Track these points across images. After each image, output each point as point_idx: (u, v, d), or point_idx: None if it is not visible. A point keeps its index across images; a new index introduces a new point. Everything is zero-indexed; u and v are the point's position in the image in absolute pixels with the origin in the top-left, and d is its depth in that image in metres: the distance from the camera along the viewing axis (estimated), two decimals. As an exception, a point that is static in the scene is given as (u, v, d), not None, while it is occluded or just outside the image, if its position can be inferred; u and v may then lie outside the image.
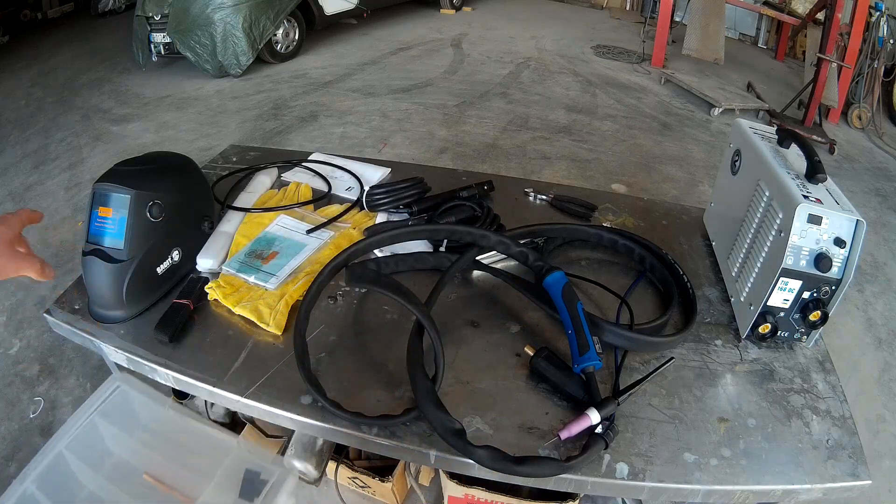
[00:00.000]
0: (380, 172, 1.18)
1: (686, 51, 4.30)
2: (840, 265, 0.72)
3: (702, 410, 0.71)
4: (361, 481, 1.18)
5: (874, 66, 3.89)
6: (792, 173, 0.78)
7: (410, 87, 4.08)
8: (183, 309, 0.79)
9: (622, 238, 0.94)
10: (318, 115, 3.58)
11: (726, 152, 0.98)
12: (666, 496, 0.65)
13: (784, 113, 3.79)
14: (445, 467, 0.73)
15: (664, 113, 3.89)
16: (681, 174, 3.08)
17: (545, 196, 1.11)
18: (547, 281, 0.77)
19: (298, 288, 0.84)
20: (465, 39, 5.36)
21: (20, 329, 1.94)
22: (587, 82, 4.37)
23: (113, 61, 4.55)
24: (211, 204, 0.95)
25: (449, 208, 0.99)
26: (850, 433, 0.69)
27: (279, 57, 4.45)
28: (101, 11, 5.87)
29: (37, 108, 3.72)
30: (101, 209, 0.77)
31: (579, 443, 0.64)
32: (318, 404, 0.68)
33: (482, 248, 0.86)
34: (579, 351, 0.69)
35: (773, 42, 5.52)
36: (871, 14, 3.78)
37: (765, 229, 0.78)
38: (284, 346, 0.77)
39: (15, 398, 1.69)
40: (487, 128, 3.49)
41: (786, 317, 0.77)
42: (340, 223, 1.00)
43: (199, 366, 0.74)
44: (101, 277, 0.77)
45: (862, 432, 0.73)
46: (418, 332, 0.72)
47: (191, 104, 3.74)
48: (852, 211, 0.72)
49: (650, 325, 0.79)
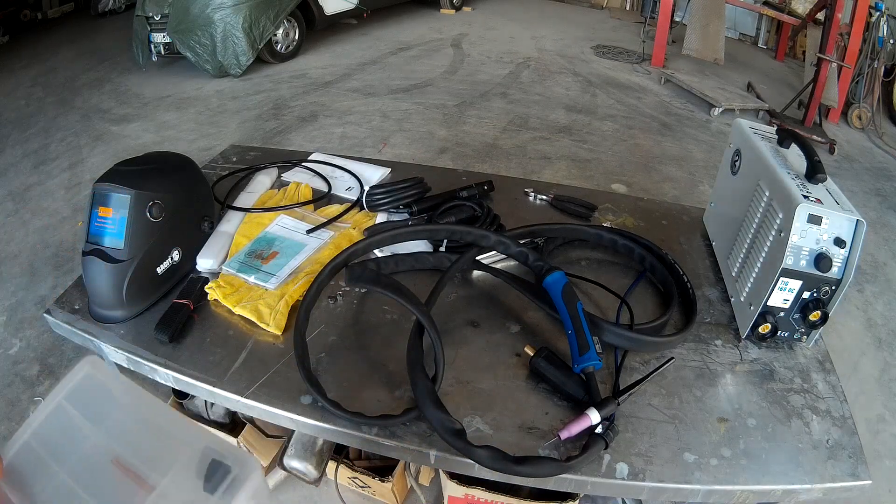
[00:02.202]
0: (380, 172, 1.18)
1: (686, 51, 4.30)
2: (840, 265, 0.72)
3: (702, 410, 0.71)
4: (361, 481, 1.18)
5: (874, 66, 3.88)
6: (792, 173, 0.78)
7: (410, 87, 4.08)
8: (183, 309, 0.79)
9: (622, 238, 0.94)
10: (318, 115, 3.58)
11: (726, 152, 0.98)
12: (666, 496, 0.65)
13: (784, 113, 3.79)
14: (445, 467, 0.73)
15: (664, 113, 3.88)
16: (681, 174, 3.08)
17: (545, 196, 1.11)
18: (547, 281, 0.77)
19: (298, 288, 0.84)
20: (465, 39, 5.36)
21: (20, 329, 1.93)
22: (587, 82, 4.36)
23: (113, 61, 4.55)
24: (211, 204, 0.95)
25: (449, 208, 0.99)
26: (850, 433, 0.69)
27: (279, 57, 4.44)
28: (101, 11, 5.87)
29: (37, 108, 3.71)
30: (101, 209, 0.77)
31: (579, 443, 0.64)
32: (318, 404, 0.68)
33: (482, 248, 0.86)
34: (579, 351, 0.69)
35: (773, 42, 5.51)
36: (871, 14, 3.78)
37: (765, 229, 0.78)
38: (284, 346, 0.77)
39: (15, 398, 1.69)
40: (487, 128, 3.49)
41: (786, 317, 0.77)
42: (340, 223, 1.00)
43: (199, 366, 0.74)
44: (101, 277, 0.77)
45: (862, 432, 0.73)
46: (418, 332, 0.72)
47: (191, 104, 3.74)
48: (852, 211, 0.72)
49: (650, 325, 0.79)
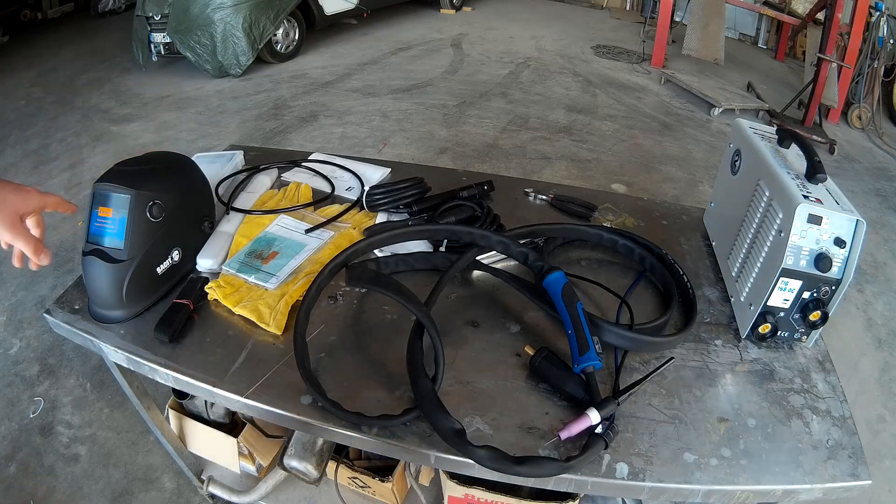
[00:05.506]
0: (380, 172, 1.18)
1: (686, 51, 4.30)
2: (840, 265, 0.72)
3: (702, 410, 0.71)
4: (361, 481, 1.18)
5: (874, 66, 3.88)
6: (792, 173, 0.78)
7: (410, 87, 4.08)
8: (183, 309, 0.79)
9: (622, 238, 0.94)
10: (318, 115, 3.58)
11: (726, 152, 0.98)
12: (666, 496, 0.65)
13: (784, 113, 3.79)
14: (445, 467, 0.73)
15: (664, 113, 3.88)
16: (681, 174, 3.08)
17: (545, 196, 1.11)
18: (547, 281, 0.77)
19: (298, 288, 0.84)
20: (465, 39, 5.36)
21: (20, 329, 1.94)
22: (587, 82, 4.36)
23: (113, 61, 4.55)
24: (211, 204, 0.95)
25: (449, 208, 0.99)
26: (850, 433, 0.69)
27: (279, 57, 4.44)
28: (101, 11, 5.87)
29: (37, 108, 3.71)
30: (102, 209, 0.77)
31: (579, 443, 0.64)
32: (318, 404, 0.68)
33: (482, 248, 0.85)
34: (579, 351, 0.69)
35: (773, 42, 5.51)
36: (871, 14, 3.78)
37: (765, 229, 0.78)
38: (284, 346, 0.77)
39: (15, 398, 1.69)
40: (487, 128, 3.49)
41: (786, 317, 0.77)
42: (340, 223, 1.00)
43: (199, 366, 0.74)
44: (101, 277, 0.77)
45: (862, 432, 0.73)
46: (418, 332, 0.72)
47: (191, 104, 3.74)
48: (852, 211, 0.72)
49: (650, 326, 0.79)
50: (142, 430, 1.59)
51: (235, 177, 1.12)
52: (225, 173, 1.11)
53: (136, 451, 1.55)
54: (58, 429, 1.61)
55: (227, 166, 1.14)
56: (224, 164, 1.14)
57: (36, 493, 1.44)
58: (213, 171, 1.07)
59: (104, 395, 1.70)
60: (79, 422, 1.62)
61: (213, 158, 1.16)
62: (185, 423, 1.21)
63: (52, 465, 1.51)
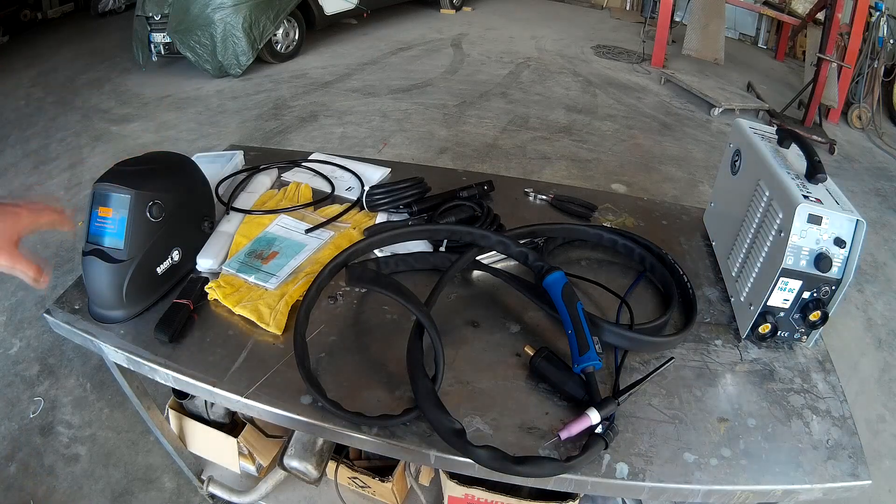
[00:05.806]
0: (380, 172, 1.18)
1: (686, 51, 4.30)
2: (840, 265, 0.72)
3: (702, 410, 0.71)
4: (361, 481, 1.18)
5: (874, 66, 3.88)
6: (792, 173, 0.78)
7: (410, 87, 4.08)
8: (183, 309, 0.79)
9: (622, 238, 0.94)
10: (318, 115, 3.58)
11: (726, 152, 0.98)
12: (666, 496, 0.65)
13: (784, 113, 3.79)
14: (445, 467, 0.73)
15: (664, 113, 3.88)
16: (681, 174, 3.08)
17: (545, 196, 1.11)
18: (547, 281, 0.77)
19: (298, 288, 0.84)
20: (465, 39, 5.35)
21: (20, 329, 1.94)
22: (587, 82, 4.36)
23: (113, 61, 4.55)
24: (211, 204, 0.95)
25: (449, 208, 0.99)
26: (850, 433, 0.69)
27: (279, 57, 4.44)
28: (101, 11, 5.87)
29: (37, 108, 3.71)
30: (102, 209, 0.77)
31: (579, 443, 0.64)
32: (318, 404, 0.68)
33: (482, 248, 0.85)
34: (579, 351, 0.69)
35: (773, 42, 5.51)
36: (871, 14, 3.78)
37: (765, 229, 0.78)
38: (284, 346, 0.77)
39: (15, 398, 1.69)
40: (487, 128, 3.49)
41: (786, 317, 0.77)
42: (340, 223, 1.00)
43: (199, 366, 0.74)
44: (101, 277, 0.77)
45: (862, 432, 0.73)
46: (418, 332, 0.72)
47: (191, 104, 3.74)
48: (852, 211, 0.72)
49: (650, 325, 0.79)
50: (142, 430, 1.59)
51: (235, 177, 1.12)
52: (225, 173, 1.11)
53: (136, 451, 1.55)
54: (58, 429, 1.61)
55: (227, 166, 1.14)
56: (224, 164, 1.14)
57: (36, 493, 1.44)
58: (213, 171, 1.07)
59: (104, 395, 1.70)
60: (79, 422, 1.62)
61: (213, 158, 1.16)
62: (185, 423, 1.21)
63: (52, 465, 1.51)
